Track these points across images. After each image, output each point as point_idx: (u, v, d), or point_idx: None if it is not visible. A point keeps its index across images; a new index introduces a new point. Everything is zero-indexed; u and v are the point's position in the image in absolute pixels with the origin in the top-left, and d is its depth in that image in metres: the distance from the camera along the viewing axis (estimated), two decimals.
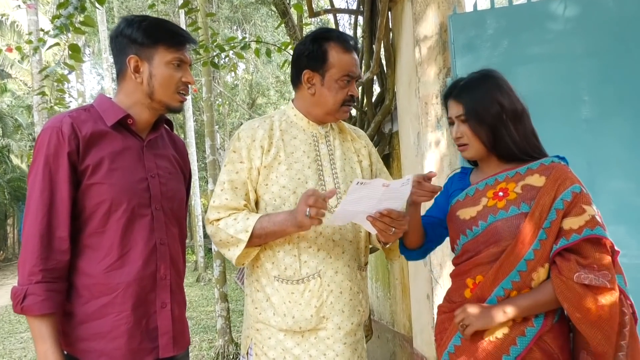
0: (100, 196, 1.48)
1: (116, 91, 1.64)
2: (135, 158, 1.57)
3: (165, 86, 1.57)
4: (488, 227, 1.53)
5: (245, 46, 4.03)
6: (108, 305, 1.48)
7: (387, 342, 4.00)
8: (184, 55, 1.60)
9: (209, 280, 10.52)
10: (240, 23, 13.36)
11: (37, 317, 1.39)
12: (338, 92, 1.70)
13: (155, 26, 1.57)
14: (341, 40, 1.71)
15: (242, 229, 1.59)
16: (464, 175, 1.75)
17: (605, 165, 2.64)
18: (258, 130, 1.72)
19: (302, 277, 1.64)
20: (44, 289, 1.39)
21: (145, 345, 1.52)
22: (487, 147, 1.58)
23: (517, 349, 1.44)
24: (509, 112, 1.55)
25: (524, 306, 1.45)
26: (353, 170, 1.80)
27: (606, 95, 2.66)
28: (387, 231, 1.50)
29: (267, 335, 1.66)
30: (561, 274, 1.41)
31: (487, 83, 1.59)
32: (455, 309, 1.56)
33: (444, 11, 2.95)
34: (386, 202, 1.45)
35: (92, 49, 19.88)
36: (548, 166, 1.54)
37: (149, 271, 1.54)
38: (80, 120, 1.50)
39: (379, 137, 3.76)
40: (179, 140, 1.85)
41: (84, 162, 1.47)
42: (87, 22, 3.49)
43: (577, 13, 2.72)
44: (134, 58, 1.55)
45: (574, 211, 1.45)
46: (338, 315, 1.66)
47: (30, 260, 1.40)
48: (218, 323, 5.38)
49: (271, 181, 1.68)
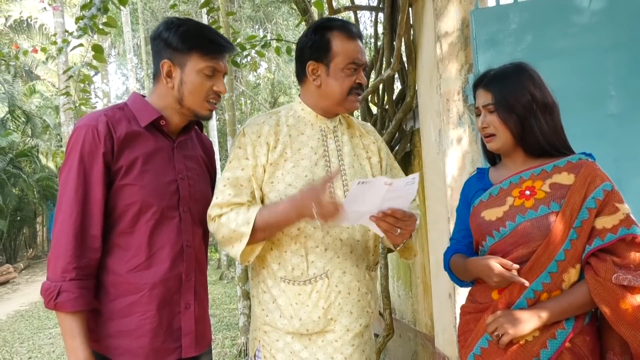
0: (131, 197, 1.49)
1: (150, 91, 1.65)
2: (166, 159, 1.58)
3: (194, 94, 1.56)
4: (517, 227, 1.48)
5: (266, 44, 4.04)
6: (134, 304, 1.49)
7: (409, 341, 3.97)
8: (219, 64, 1.58)
9: (231, 278, 10.60)
10: (262, 22, 13.40)
11: (69, 313, 1.41)
12: (344, 80, 1.64)
13: (192, 32, 1.55)
14: (343, 28, 1.66)
15: (243, 221, 1.52)
16: (481, 176, 1.70)
17: (634, 162, 2.57)
18: (264, 126, 1.67)
19: (309, 278, 1.60)
20: (77, 286, 1.41)
21: (169, 345, 1.53)
22: (514, 138, 1.54)
23: (547, 352, 1.39)
24: (540, 104, 1.52)
25: (558, 310, 1.40)
26: (362, 167, 1.74)
27: (634, 89, 2.59)
28: (392, 232, 1.45)
29: (275, 337, 1.63)
30: (598, 275, 1.36)
31: (519, 73, 1.56)
32: (481, 310, 1.53)
33: (466, 6, 2.91)
34: (390, 202, 1.39)
35: (117, 50, 20.20)
36: (576, 164, 1.50)
37: (175, 273, 1.55)
38: (115, 119, 1.51)
39: (400, 134, 3.72)
40: (208, 141, 1.85)
41: (117, 163, 1.48)
42: (110, 23, 3.54)
43: (603, 5, 2.65)
44: (167, 63, 1.55)
45: (606, 210, 1.41)
46: (346, 317, 1.61)
47: (64, 258, 1.41)
48: (240, 321, 5.40)
49: (277, 179, 1.62)
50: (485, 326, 1.47)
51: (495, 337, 1.43)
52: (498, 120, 1.54)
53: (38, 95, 18.15)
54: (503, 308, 1.46)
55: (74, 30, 3.73)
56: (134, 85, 13.39)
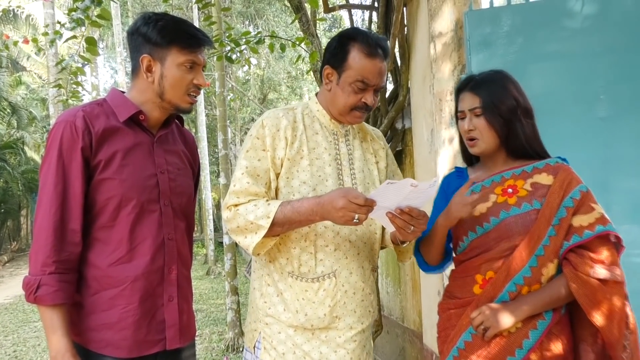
0: (111, 191, 1.49)
1: (129, 87, 1.64)
2: (146, 154, 1.58)
3: (175, 87, 1.57)
4: (500, 223, 1.54)
5: (260, 41, 4.03)
6: (116, 298, 1.50)
7: (397, 337, 4.01)
8: (198, 57, 1.58)
9: (218, 274, 10.55)
10: (253, 18, 13.35)
11: (49, 307, 1.41)
12: (350, 95, 1.62)
13: (171, 26, 1.56)
14: (366, 42, 1.61)
15: (263, 214, 1.51)
16: (460, 174, 1.77)
17: (621, 164, 2.62)
18: (282, 120, 1.66)
19: (317, 276, 1.61)
20: (57, 279, 1.41)
21: (152, 337, 1.54)
22: (500, 141, 1.61)
23: (529, 342, 1.47)
24: (523, 108, 1.60)
25: (540, 303, 1.48)
26: (370, 172, 1.76)
27: (623, 93, 2.64)
28: (406, 229, 1.47)
29: (277, 329, 1.64)
30: (577, 270, 1.45)
31: (503, 79, 1.64)
32: (463, 305, 1.58)
33: (460, 7, 2.93)
34: (409, 201, 1.44)
35: (105, 43, 19.97)
36: (554, 166, 1.59)
37: (156, 266, 1.55)
38: (93, 115, 1.51)
39: (391, 133, 3.75)
40: (189, 135, 1.85)
41: (96, 157, 1.48)
42: (103, 16, 3.50)
43: (594, 10, 2.69)
44: (147, 57, 1.54)
45: (583, 209, 1.50)
46: (350, 316, 1.64)
47: (44, 252, 1.41)
48: (228, 316, 5.41)
49: (292, 175, 1.64)
50: (468, 320, 1.54)
51: (481, 331, 1.49)
52: (485, 124, 1.59)
53: (24, 87, 17.92)
54: (486, 302, 1.52)
55: (66, 22, 3.69)
56: (123, 79, 13.27)
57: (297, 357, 1.61)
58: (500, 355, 1.48)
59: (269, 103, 15.86)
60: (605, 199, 2.62)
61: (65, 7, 14.07)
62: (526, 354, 1.46)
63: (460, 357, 1.54)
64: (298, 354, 1.61)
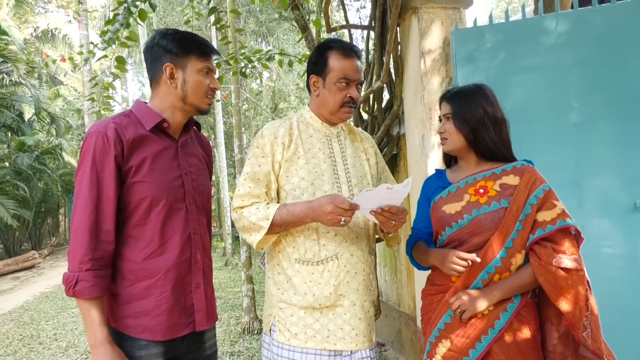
0: (142, 193, 1.51)
1: (150, 96, 1.66)
2: (172, 158, 1.60)
3: (196, 91, 1.60)
4: (473, 219, 1.59)
5: (271, 58, 4.06)
6: (151, 287, 1.51)
7: (394, 320, 4.02)
8: (211, 64, 1.64)
9: (235, 265, 10.59)
10: (265, 36, 13.37)
11: (87, 300, 1.42)
12: (337, 93, 1.70)
13: (187, 38, 1.60)
14: (340, 47, 1.71)
15: (263, 216, 1.61)
16: (440, 176, 1.81)
17: (592, 165, 2.64)
18: (279, 128, 1.74)
19: (321, 259, 1.65)
20: (93, 275, 1.43)
21: (183, 320, 1.57)
22: (467, 143, 1.66)
23: (500, 323, 1.52)
24: (491, 118, 1.64)
25: (509, 289, 1.53)
26: (362, 166, 1.81)
27: (593, 101, 2.65)
28: (388, 223, 1.56)
29: (290, 313, 1.67)
30: (541, 259, 1.49)
31: (476, 92, 1.68)
32: (443, 291, 1.64)
33: (447, 27, 2.96)
34: (388, 200, 1.52)
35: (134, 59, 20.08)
36: (520, 168, 1.63)
37: (185, 257, 1.58)
38: (122, 125, 1.53)
39: (387, 138, 3.77)
40: (205, 139, 1.88)
41: (127, 163, 1.50)
42: (131, 37, 3.54)
43: (567, 28, 2.71)
44: (169, 65, 1.58)
45: (545, 206, 1.54)
46: (353, 294, 1.68)
47: (81, 251, 1.42)
48: (244, 302, 5.44)
49: (291, 173, 1.69)
50: (447, 305, 1.59)
51: (458, 313, 1.54)
52: (453, 127, 1.67)
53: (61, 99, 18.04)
54: (462, 289, 1.57)
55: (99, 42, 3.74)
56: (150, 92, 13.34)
57: (307, 337, 1.64)
58: (475, 334, 1.52)
59: (279, 112, 15.88)
60: (578, 197, 2.66)
61: (98, 28, 14.19)
62: (498, 333, 1.51)
63: (441, 336, 1.59)
64: (309, 334, 1.65)
